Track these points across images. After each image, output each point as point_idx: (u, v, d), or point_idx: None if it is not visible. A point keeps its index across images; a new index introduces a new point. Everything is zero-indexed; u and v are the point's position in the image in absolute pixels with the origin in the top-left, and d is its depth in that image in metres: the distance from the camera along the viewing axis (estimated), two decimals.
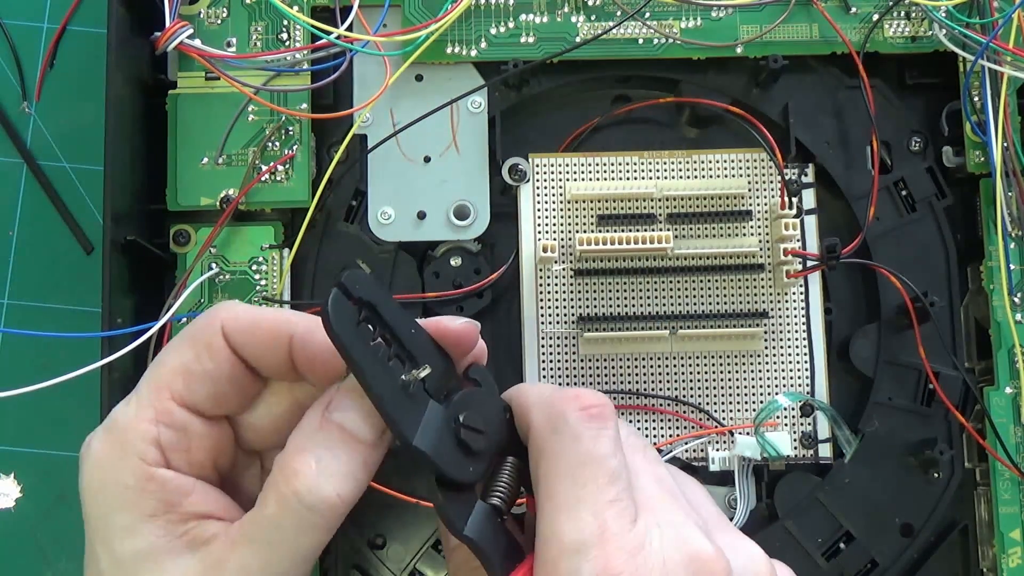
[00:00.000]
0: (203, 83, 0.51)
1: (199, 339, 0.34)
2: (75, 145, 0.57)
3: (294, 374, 0.35)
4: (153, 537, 0.33)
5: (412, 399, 0.33)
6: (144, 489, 0.33)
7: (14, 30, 0.58)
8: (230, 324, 0.34)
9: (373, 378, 0.32)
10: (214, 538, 0.33)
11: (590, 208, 0.52)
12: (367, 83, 0.52)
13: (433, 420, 0.33)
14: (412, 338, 0.34)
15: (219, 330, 0.34)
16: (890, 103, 0.54)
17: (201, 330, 0.35)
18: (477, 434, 0.34)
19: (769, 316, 0.51)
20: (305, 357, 0.34)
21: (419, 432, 0.32)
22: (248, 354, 0.35)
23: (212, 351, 0.34)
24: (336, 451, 0.33)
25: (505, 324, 0.52)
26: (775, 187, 0.52)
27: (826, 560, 0.50)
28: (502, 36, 0.52)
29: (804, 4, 0.52)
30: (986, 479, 0.50)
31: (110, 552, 0.33)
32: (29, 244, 0.57)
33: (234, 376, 0.35)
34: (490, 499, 0.34)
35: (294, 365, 0.35)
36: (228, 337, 0.34)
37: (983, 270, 0.52)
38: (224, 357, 0.34)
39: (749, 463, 0.50)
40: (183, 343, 0.35)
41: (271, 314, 0.35)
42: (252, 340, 0.34)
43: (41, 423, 0.54)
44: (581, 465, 0.32)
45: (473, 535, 0.33)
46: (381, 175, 0.52)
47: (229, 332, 0.34)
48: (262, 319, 0.35)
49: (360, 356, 0.32)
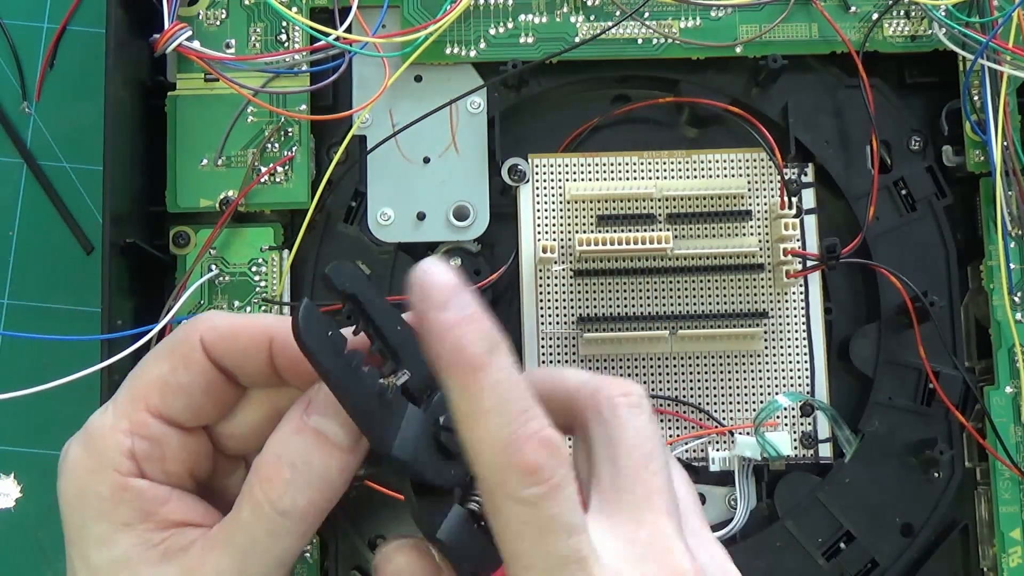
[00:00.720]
0: (202, 85, 0.51)
1: (176, 352, 0.34)
2: (75, 145, 0.57)
3: (276, 379, 0.35)
4: (128, 546, 0.32)
5: (389, 405, 0.32)
6: (119, 499, 0.33)
7: (14, 30, 0.58)
8: (209, 335, 0.34)
9: (346, 388, 0.31)
10: (192, 545, 0.33)
11: (590, 208, 0.52)
12: (366, 84, 0.52)
13: (412, 424, 0.32)
14: (397, 335, 0.33)
15: (197, 343, 0.34)
16: (890, 102, 0.53)
17: (179, 343, 0.34)
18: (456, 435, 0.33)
19: (769, 316, 0.51)
20: (286, 361, 0.34)
21: (397, 439, 0.32)
22: (228, 363, 0.34)
23: (189, 364, 0.34)
24: (312, 458, 0.32)
25: (505, 325, 0.52)
26: (775, 187, 0.52)
27: (826, 560, 0.50)
28: (501, 36, 0.52)
29: (803, 4, 0.52)
30: (986, 479, 0.50)
31: (86, 561, 0.33)
32: (29, 244, 0.57)
33: (211, 388, 0.34)
34: (468, 503, 0.33)
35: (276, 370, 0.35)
36: (207, 349, 0.34)
37: (983, 269, 0.51)
38: (201, 370, 0.34)
39: (749, 463, 0.50)
40: (161, 355, 0.34)
41: (250, 321, 0.34)
42: (232, 349, 0.34)
43: (41, 423, 0.54)
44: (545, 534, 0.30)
45: (444, 538, 0.32)
46: (380, 176, 0.52)
47: (208, 343, 0.34)
48: (241, 328, 0.34)
49: (332, 365, 0.31)
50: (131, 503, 0.33)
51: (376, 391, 0.32)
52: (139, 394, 0.34)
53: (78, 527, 0.33)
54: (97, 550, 0.33)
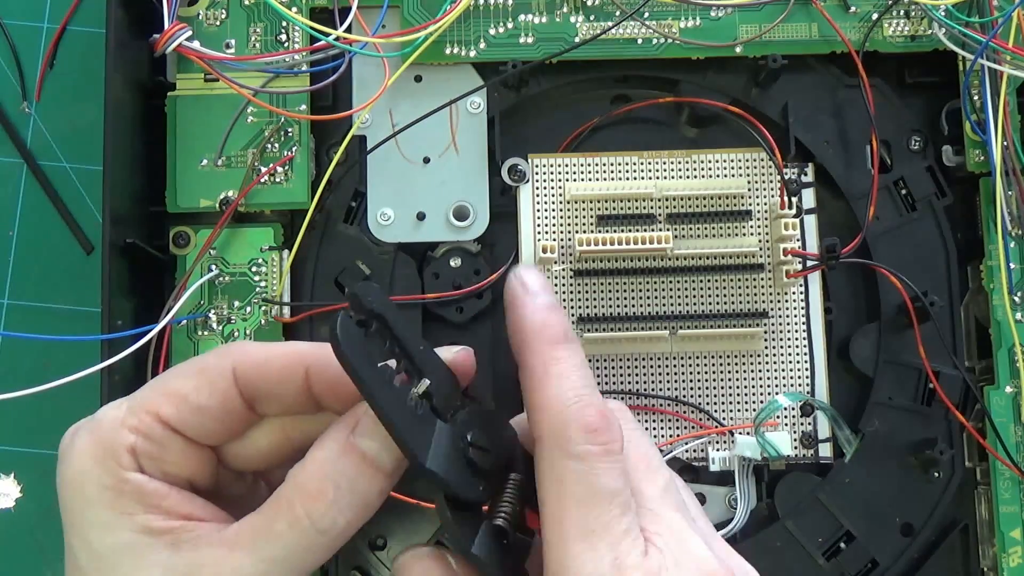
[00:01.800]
0: (202, 85, 0.51)
1: (205, 374, 0.34)
2: (75, 145, 0.57)
3: (306, 406, 0.35)
4: (131, 533, 0.33)
5: (421, 420, 0.33)
6: (120, 489, 0.33)
7: (14, 30, 0.58)
8: (242, 365, 0.34)
9: (385, 402, 0.32)
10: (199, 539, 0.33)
11: (590, 208, 0.52)
12: (366, 84, 0.52)
13: (442, 440, 0.33)
14: (421, 354, 0.34)
15: (229, 372, 0.34)
16: (890, 102, 0.53)
17: (210, 367, 0.35)
18: (485, 453, 0.34)
19: (769, 316, 0.51)
20: (323, 385, 0.35)
21: (430, 454, 0.33)
22: (259, 391, 0.35)
23: (214, 389, 0.34)
24: (356, 480, 0.33)
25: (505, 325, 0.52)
26: (775, 187, 0.52)
27: (826, 560, 0.50)
28: (501, 37, 0.52)
29: (803, 3, 0.52)
30: (986, 478, 0.50)
31: (87, 546, 0.33)
32: (29, 244, 0.57)
33: (228, 414, 0.35)
34: (496, 518, 0.34)
35: (312, 396, 0.35)
36: (238, 377, 0.34)
37: (983, 269, 0.51)
38: (224, 397, 0.34)
39: (749, 463, 0.50)
40: (188, 373, 0.35)
41: (282, 351, 0.35)
42: (265, 378, 0.35)
43: (41, 423, 0.54)
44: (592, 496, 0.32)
45: (480, 554, 0.33)
46: (380, 176, 0.52)
47: (240, 373, 0.34)
48: (276, 357, 0.35)
49: (370, 380, 0.32)
50: (131, 494, 0.33)
51: (412, 405, 0.33)
52: (155, 401, 0.34)
53: (79, 512, 0.33)
54: (99, 536, 0.33)
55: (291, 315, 0.50)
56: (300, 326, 0.51)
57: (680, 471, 0.52)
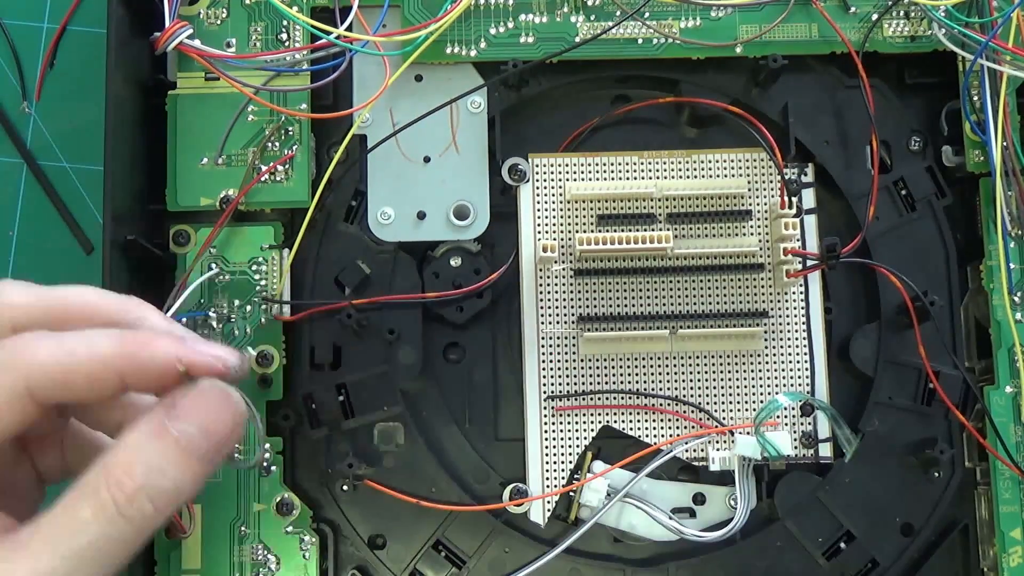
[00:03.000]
0: (203, 83, 0.51)
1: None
2: (75, 145, 0.57)
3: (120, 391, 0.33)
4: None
5: None
6: None
7: (14, 30, 0.58)
8: (38, 386, 0.32)
9: None
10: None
11: (590, 208, 0.52)
12: (367, 83, 0.52)
13: None
14: None
15: (22, 391, 0.32)
16: (889, 103, 0.54)
17: None
18: None
19: (769, 316, 0.51)
20: (143, 385, 0.33)
21: None
22: (63, 403, 0.33)
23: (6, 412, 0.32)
24: (168, 466, 0.31)
25: (505, 324, 0.52)
26: (775, 187, 0.52)
27: (826, 560, 0.50)
28: (501, 36, 0.52)
29: (803, 4, 0.52)
30: (986, 478, 0.50)
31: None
32: (29, 244, 0.57)
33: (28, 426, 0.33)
34: None
35: (124, 386, 0.33)
36: (36, 395, 0.32)
37: (983, 269, 0.52)
38: (20, 419, 0.32)
39: (749, 463, 0.50)
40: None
41: (86, 356, 0.32)
42: (68, 393, 0.32)
43: None
44: None
45: None
46: (381, 175, 0.52)
47: (36, 389, 0.32)
48: (75, 370, 0.32)
49: None
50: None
51: None
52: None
53: None
54: None
55: (291, 314, 0.50)
56: (300, 325, 0.51)
57: (680, 471, 0.52)
